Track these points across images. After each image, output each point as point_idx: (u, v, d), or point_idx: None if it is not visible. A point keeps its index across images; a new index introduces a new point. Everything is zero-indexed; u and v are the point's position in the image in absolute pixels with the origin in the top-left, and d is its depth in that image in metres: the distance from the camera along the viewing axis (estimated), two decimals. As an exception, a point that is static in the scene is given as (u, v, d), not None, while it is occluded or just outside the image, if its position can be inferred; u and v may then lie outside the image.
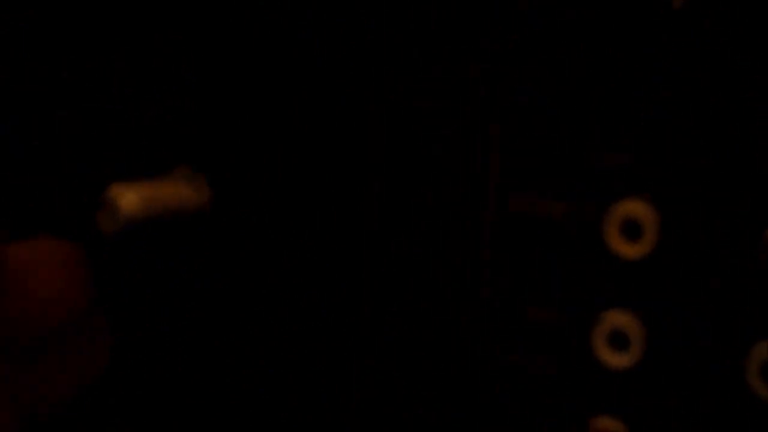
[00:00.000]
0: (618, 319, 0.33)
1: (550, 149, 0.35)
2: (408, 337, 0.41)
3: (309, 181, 0.42)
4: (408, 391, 0.41)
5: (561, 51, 0.34)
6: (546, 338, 0.35)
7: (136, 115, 0.44)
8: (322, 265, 0.42)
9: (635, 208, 0.33)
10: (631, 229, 0.33)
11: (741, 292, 0.32)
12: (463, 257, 0.38)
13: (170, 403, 0.44)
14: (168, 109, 0.43)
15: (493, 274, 0.36)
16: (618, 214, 0.33)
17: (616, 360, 0.34)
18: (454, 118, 0.40)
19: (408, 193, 0.41)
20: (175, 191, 0.33)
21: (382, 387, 0.42)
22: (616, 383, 0.34)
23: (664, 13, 0.32)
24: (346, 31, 0.41)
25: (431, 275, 0.40)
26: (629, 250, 0.33)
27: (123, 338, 0.36)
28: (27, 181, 0.45)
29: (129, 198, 0.29)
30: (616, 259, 0.33)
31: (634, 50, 0.33)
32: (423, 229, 0.41)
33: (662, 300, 0.33)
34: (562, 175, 0.34)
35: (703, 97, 0.32)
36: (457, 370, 0.39)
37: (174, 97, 0.43)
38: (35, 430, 0.29)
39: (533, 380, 0.36)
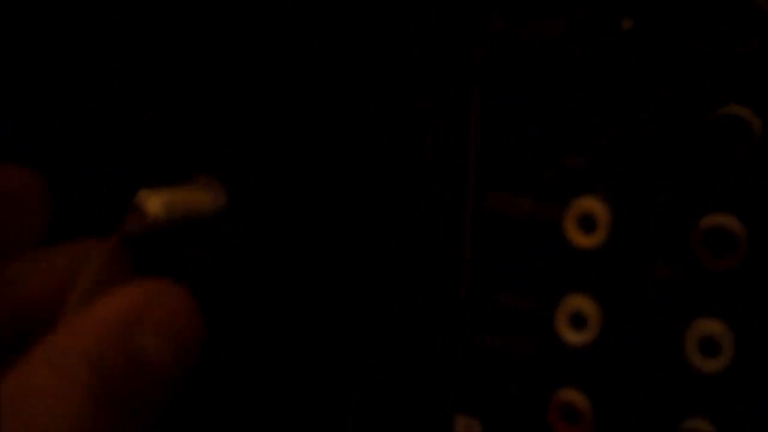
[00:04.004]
0: (577, 302, 0.37)
1: (521, 155, 0.39)
2: (408, 337, 0.41)
3: (309, 181, 0.42)
4: (408, 392, 0.41)
5: (530, 74, 0.38)
6: (516, 321, 0.39)
7: (137, 115, 0.44)
8: (322, 265, 0.43)
9: (590, 204, 0.37)
10: (587, 223, 0.37)
11: (678, 278, 0.36)
12: (447, 256, 0.41)
13: (171, 402, 0.44)
14: (168, 109, 0.43)
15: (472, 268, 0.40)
16: (576, 210, 0.37)
17: (577, 338, 0.37)
18: (453, 118, 0.40)
19: (408, 193, 0.41)
20: (196, 197, 0.37)
21: (382, 387, 0.42)
22: (577, 359, 0.38)
23: (617, 34, 0.37)
24: (346, 31, 0.41)
25: (430, 275, 0.40)
26: (585, 241, 0.37)
27: None
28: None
29: (154, 202, 0.33)
30: (574, 249, 0.37)
31: (589, 70, 0.37)
32: (422, 228, 0.41)
33: (615, 284, 0.37)
34: (530, 177, 0.39)
35: (644, 112, 0.37)
36: (444, 357, 0.41)
37: (174, 97, 0.43)
38: None
39: (505, 357, 0.39)
